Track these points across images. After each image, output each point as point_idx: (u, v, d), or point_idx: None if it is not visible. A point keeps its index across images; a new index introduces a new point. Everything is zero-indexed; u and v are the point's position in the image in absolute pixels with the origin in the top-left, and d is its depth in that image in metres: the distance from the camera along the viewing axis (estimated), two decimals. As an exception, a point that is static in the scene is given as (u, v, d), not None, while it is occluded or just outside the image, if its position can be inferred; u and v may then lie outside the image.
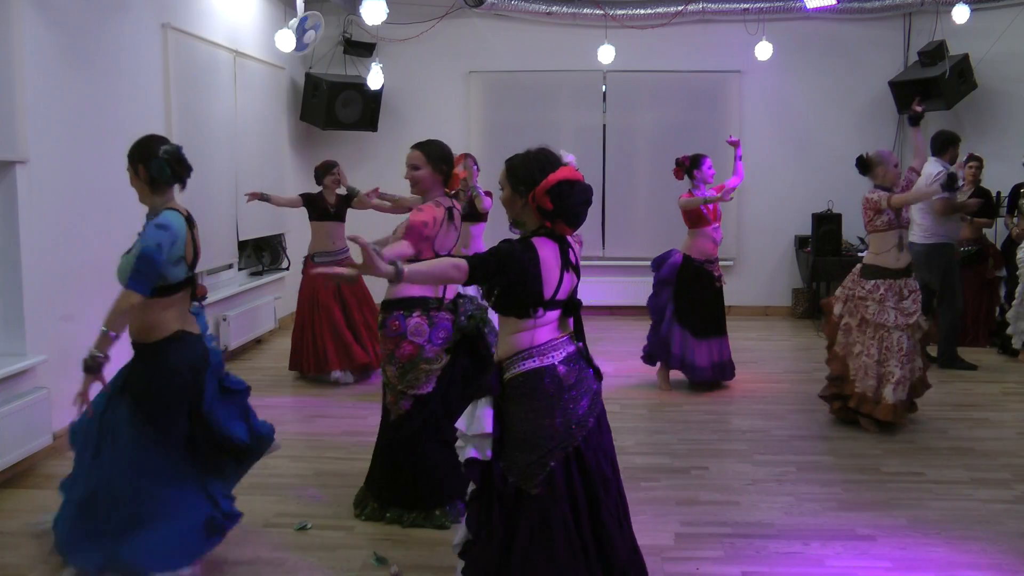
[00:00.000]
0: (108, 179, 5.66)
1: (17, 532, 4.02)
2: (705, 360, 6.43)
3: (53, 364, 5.03)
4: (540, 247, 2.83)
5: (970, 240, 8.02)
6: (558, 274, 2.85)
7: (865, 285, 5.42)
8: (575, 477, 2.84)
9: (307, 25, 7.43)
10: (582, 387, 2.92)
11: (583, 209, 2.88)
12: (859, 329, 5.44)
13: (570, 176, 2.84)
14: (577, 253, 3.03)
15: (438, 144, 4.07)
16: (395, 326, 3.98)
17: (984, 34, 8.73)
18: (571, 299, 2.94)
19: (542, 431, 2.82)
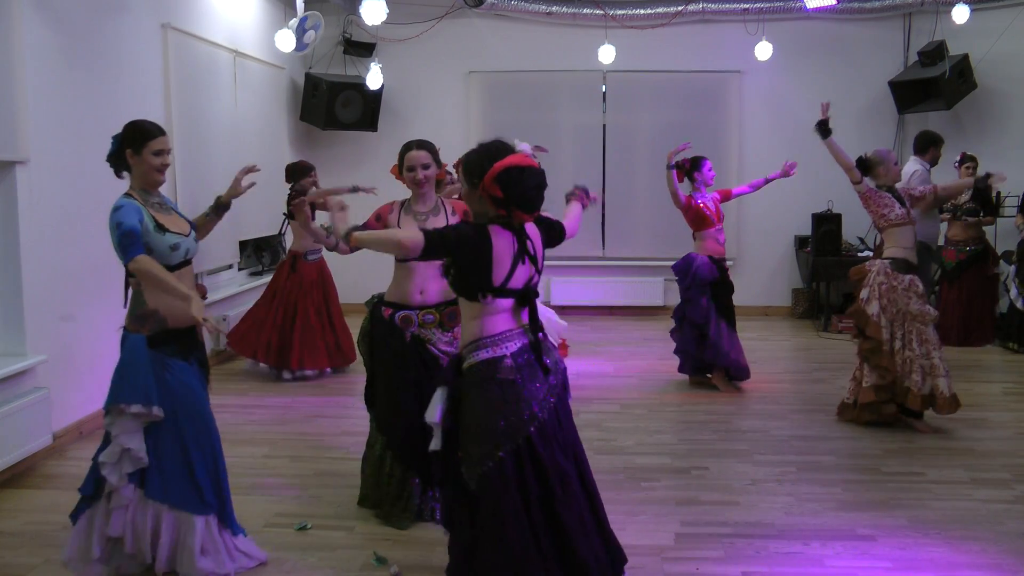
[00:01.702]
0: (108, 179, 5.64)
1: (17, 532, 4.02)
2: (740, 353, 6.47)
3: (53, 364, 5.03)
4: (494, 234, 2.90)
5: (973, 239, 8.03)
6: (510, 263, 2.90)
7: (903, 279, 5.36)
8: (527, 469, 2.85)
9: (307, 25, 7.43)
10: (534, 380, 2.91)
11: (535, 193, 2.90)
12: (894, 324, 5.35)
13: (518, 162, 2.86)
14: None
15: (431, 142, 4.16)
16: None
17: (984, 34, 8.73)
18: (526, 290, 2.96)
19: (492, 422, 2.85)
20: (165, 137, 3.54)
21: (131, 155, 3.49)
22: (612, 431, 5.54)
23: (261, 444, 5.28)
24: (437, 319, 3.97)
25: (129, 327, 3.42)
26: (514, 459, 2.85)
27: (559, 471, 2.90)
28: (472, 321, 2.94)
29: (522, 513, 2.83)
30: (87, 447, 5.22)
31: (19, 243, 4.85)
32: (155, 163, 3.50)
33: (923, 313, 5.32)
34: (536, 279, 3.01)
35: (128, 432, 3.35)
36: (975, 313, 8.04)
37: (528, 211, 2.94)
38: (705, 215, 6.38)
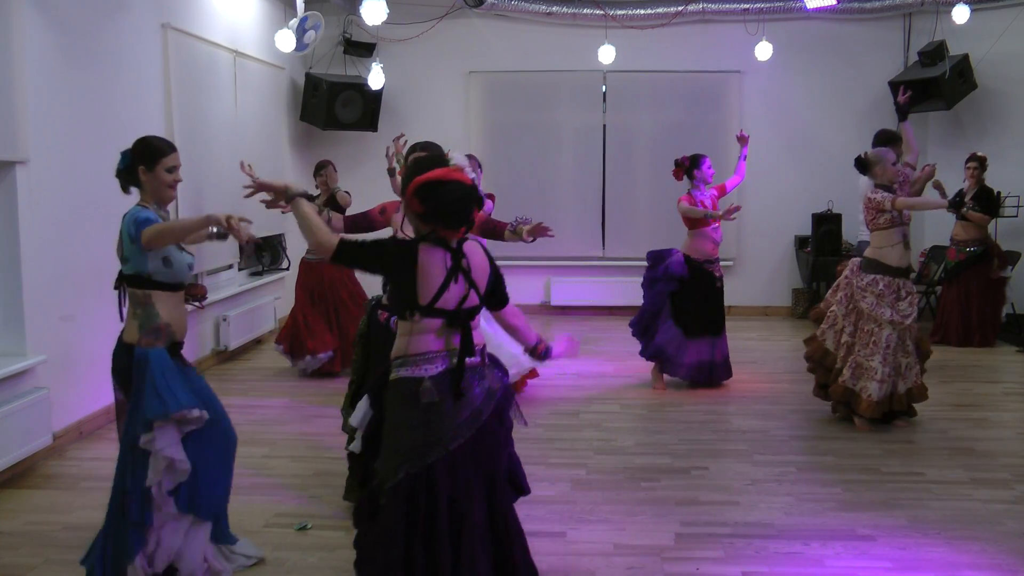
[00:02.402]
0: (108, 179, 5.61)
1: (17, 532, 4.02)
2: (693, 359, 6.42)
3: (53, 364, 5.03)
4: (423, 251, 2.81)
5: (975, 240, 8.03)
6: (440, 282, 2.80)
7: (864, 278, 5.42)
8: (420, 498, 2.77)
9: (307, 25, 7.43)
10: (446, 406, 2.80)
11: (457, 208, 2.79)
12: (846, 318, 5.49)
13: (440, 176, 2.78)
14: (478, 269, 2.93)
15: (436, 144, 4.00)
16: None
17: (984, 34, 8.73)
18: (458, 312, 2.84)
19: (399, 442, 2.81)
20: (177, 153, 3.57)
21: (144, 172, 3.50)
22: (612, 431, 5.54)
23: (261, 444, 5.28)
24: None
25: (142, 342, 3.39)
26: (410, 484, 2.77)
27: (455, 508, 2.79)
28: (401, 337, 2.87)
29: (400, 540, 2.75)
30: (87, 447, 5.23)
31: (19, 243, 4.85)
32: (168, 180, 3.52)
33: (874, 314, 5.34)
34: (474, 301, 2.88)
35: (172, 444, 3.33)
36: (976, 314, 8.04)
37: (449, 227, 2.83)
38: (703, 214, 6.38)
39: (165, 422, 3.30)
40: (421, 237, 2.85)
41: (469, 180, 2.85)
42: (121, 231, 3.44)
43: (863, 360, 5.38)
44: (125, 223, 3.42)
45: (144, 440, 3.30)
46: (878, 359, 5.32)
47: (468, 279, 2.86)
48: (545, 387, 6.51)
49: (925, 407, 5.78)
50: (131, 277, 3.41)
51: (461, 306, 2.85)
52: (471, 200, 2.83)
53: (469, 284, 2.86)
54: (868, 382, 5.35)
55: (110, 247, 5.78)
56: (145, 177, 3.50)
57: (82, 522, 4.10)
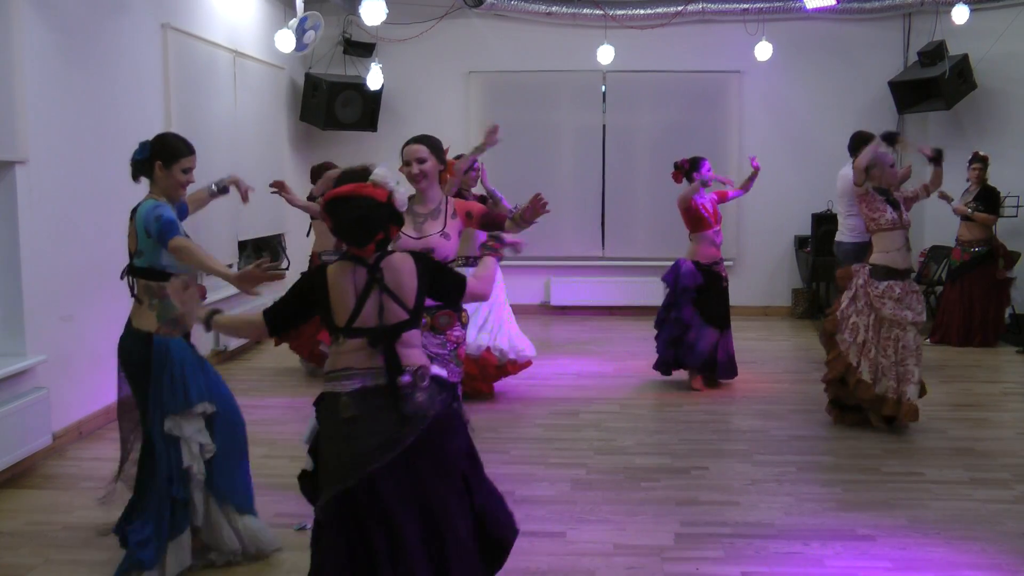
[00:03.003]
0: (108, 179, 5.66)
1: (17, 532, 4.02)
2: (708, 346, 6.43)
3: (53, 364, 5.03)
4: (333, 272, 2.77)
5: (980, 240, 8.03)
6: (354, 301, 2.75)
7: (879, 285, 5.37)
8: (349, 516, 2.70)
9: (307, 25, 7.43)
10: (366, 426, 2.72)
11: (353, 226, 2.74)
12: (873, 329, 5.37)
13: (347, 192, 2.75)
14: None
15: (434, 137, 3.93)
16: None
17: (984, 34, 8.72)
18: (381, 329, 2.75)
19: (328, 458, 2.77)
20: (195, 156, 3.68)
21: (160, 167, 3.60)
22: (612, 431, 5.54)
23: (261, 444, 5.27)
24: (428, 323, 3.72)
25: (162, 332, 3.51)
26: (338, 504, 2.70)
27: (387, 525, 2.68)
28: (331, 355, 2.84)
29: (341, 560, 2.68)
30: (87, 447, 5.23)
31: (19, 243, 4.85)
32: (182, 180, 3.64)
33: (898, 318, 5.32)
34: (401, 316, 2.77)
35: (199, 429, 3.52)
36: (978, 314, 8.04)
37: (353, 244, 2.77)
38: (703, 216, 6.38)
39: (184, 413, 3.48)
40: (342, 256, 2.82)
41: (383, 196, 2.75)
42: (136, 224, 3.53)
43: (898, 367, 5.31)
44: (142, 218, 3.52)
45: (168, 426, 3.47)
46: (912, 361, 5.31)
47: (390, 294, 2.76)
48: (545, 387, 6.51)
49: (925, 407, 5.77)
50: (146, 270, 3.54)
51: (383, 323, 2.76)
52: (375, 219, 2.74)
53: (392, 299, 2.76)
54: (906, 386, 5.31)
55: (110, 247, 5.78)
56: (161, 173, 3.60)
57: (82, 522, 4.11)
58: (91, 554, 3.79)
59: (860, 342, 5.37)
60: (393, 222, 2.80)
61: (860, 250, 6.99)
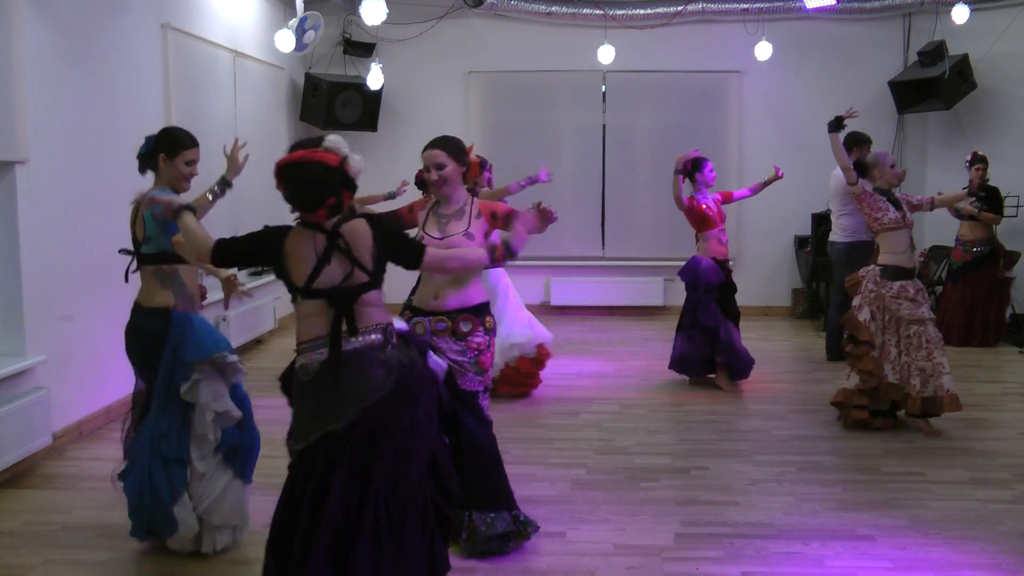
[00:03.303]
0: (108, 179, 5.66)
1: (17, 532, 4.02)
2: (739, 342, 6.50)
3: (53, 364, 5.03)
4: (292, 238, 2.87)
5: (981, 240, 8.02)
6: (312, 264, 2.82)
7: (892, 286, 5.36)
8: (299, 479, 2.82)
9: (307, 25, 7.43)
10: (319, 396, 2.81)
11: (302, 189, 2.81)
12: (886, 332, 5.35)
13: (296, 157, 2.83)
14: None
15: (454, 138, 3.83)
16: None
17: (984, 34, 8.73)
18: (341, 290, 2.82)
19: (294, 420, 2.92)
20: (198, 148, 3.79)
21: (164, 159, 3.71)
22: (612, 431, 5.54)
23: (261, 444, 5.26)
24: (449, 327, 3.70)
25: (179, 307, 3.66)
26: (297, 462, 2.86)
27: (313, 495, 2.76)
28: (296, 320, 2.93)
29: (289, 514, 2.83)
30: (87, 447, 5.23)
31: (19, 243, 4.85)
32: (185, 172, 3.74)
33: (916, 316, 5.31)
34: (361, 279, 2.84)
35: (221, 396, 3.64)
36: (980, 315, 8.03)
37: (304, 209, 2.84)
38: (708, 216, 6.39)
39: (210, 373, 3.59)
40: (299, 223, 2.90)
41: (334, 160, 2.81)
42: (144, 216, 3.64)
43: (924, 363, 5.30)
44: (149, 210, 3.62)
45: (184, 389, 3.54)
46: (939, 353, 5.31)
47: (350, 257, 2.83)
48: (545, 387, 6.51)
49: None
50: (156, 255, 3.65)
51: (345, 284, 2.83)
52: (325, 182, 2.80)
53: (351, 262, 2.83)
54: (940, 379, 5.29)
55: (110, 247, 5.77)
56: (164, 165, 3.71)
57: (82, 522, 4.11)
58: (91, 554, 3.79)
59: (879, 346, 5.37)
60: (346, 187, 2.86)
61: (853, 249, 7.00)
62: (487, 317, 3.76)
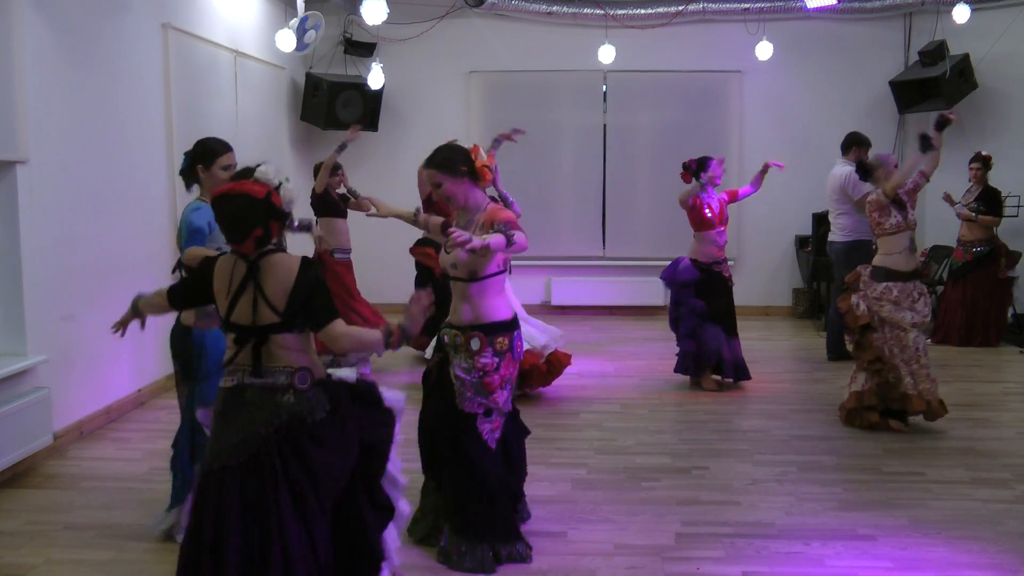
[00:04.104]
0: (108, 179, 5.67)
1: (17, 532, 4.02)
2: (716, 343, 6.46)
3: (53, 364, 5.03)
4: (219, 265, 2.87)
5: (982, 240, 8.02)
6: (226, 297, 2.79)
7: (876, 288, 5.38)
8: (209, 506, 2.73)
9: (307, 25, 7.44)
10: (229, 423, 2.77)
11: (227, 222, 2.78)
12: (880, 330, 5.36)
13: (225, 190, 2.82)
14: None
15: (444, 149, 3.66)
16: (519, 346, 3.69)
17: (984, 34, 8.72)
18: (250, 329, 2.76)
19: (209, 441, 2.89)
20: (232, 153, 3.91)
21: (202, 170, 3.86)
22: (612, 431, 5.54)
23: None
24: (462, 342, 3.58)
25: (199, 325, 3.74)
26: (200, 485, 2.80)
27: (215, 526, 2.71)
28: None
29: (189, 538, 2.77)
30: (87, 447, 5.23)
31: (19, 243, 4.85)
32: (223, 177, 3.76)
33: (895, 319, 5.31)
34: (272, 319, 2.76)
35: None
36: (981, 314, 8.03)
37: (229, 240, 2.80)
38: (705, 218, 6.37)
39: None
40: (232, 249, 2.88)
41: (260, 192, 2.77)
42: (180, 223, 3.83)
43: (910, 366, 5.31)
44: (183, 217, 3.81)
45: (199, 414, 3.57)
46: (923, 359, 5.31)
47: (261, 294, 2.76)
48: (545, 387, 6.50)
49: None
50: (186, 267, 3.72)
51: (255, 323, 2.76)
52: (250, 215, 2.75)
53: (263, 299, 2.75)
54: (925, 384, 5.30)
55: (110, 247, 5.80)
56: (203, 175, 3.85)
57: (83, 522, 4.11)
58: (91, 554, 3.79)
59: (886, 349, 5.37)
60: (273, 218, 2.81)
61: (852, 249, 7.00)
62: (500, 337, 3.56)
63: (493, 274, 3.58)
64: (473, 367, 3.55)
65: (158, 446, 5.07)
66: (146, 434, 5.44)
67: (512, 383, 3.69)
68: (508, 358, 3.60)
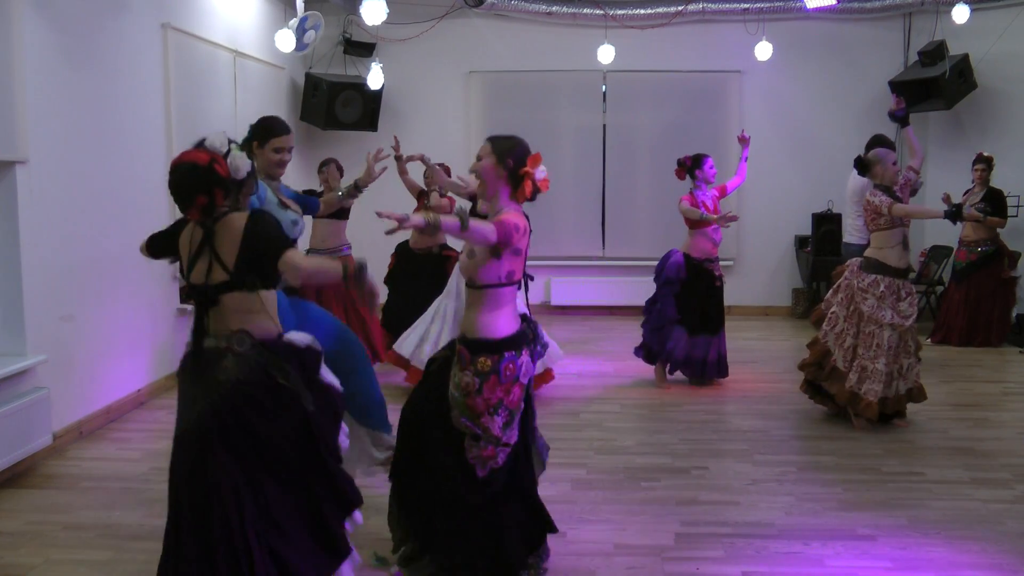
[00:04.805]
0: (108, 179, 5.67)
1: (17, 532, 4.02)
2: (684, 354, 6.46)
3: (53, 364, 5.03)
4: (185, 228, 3.00)
5: (986, 240, 8.02)
6: (187, 257, 2.94)
7: (865, 279, 5.40)
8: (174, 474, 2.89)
9: (307, 25, 7.43)
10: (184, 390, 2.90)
11: (174, 191, 2.85)
12: (848, 320, 5.44)
13: (175, 161, 2.90)
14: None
15: (511, 139, 3.36)
16: (511, 369, 3.26)
17: (984, 34, 8.73)
18: (203, 289, 2.88)
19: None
20: (288, 136, 3.93)
21: (256, 147, 3.87)
22: (612, 431, 5.54)
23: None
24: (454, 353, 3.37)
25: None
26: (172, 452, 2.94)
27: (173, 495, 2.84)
28: None
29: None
30: (87, 447, 5.23)
31: (19, 243, 4.84)
32: (274, 158, 3.89)
33: (874, 316, 5.32)
34: (221, 277, 2.85)
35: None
36: (983, 315, 8.03)
37: (180, 208, 2.88)
38: (702, 214, 6.38)
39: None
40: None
41: (204, 159, 2.83)
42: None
43: (867, 363, 5.36)
44: None
45: None
46: (882, 361, 5.31)
47: (215, 254, 2.85)
48: (545, 387, 6.50)
49: (925, 407, 5.78)
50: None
51: (207, 282, 2.87)
52: (192, 182, 2.81)
53: (216, 259, 2.85)
54: (873, 384, 5.33)
55: (110, 247, 5.79)
56: (257, 152, 3.86)
57: (83, 522, 4.11)
58: (91, 554, 3.79)
59: (837, 331, 5.48)
60: (217, 186, 2.84)
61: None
62: (483, 356, 3.21)
63: (490, 285, 3.26)
64: (459, 383, 3.27)
65: (158, 446, 5.08)
66: (146, 434, 5.44)
67: (513, 411, 3.30)
68: (492, 381, 3.22)
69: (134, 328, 5.85)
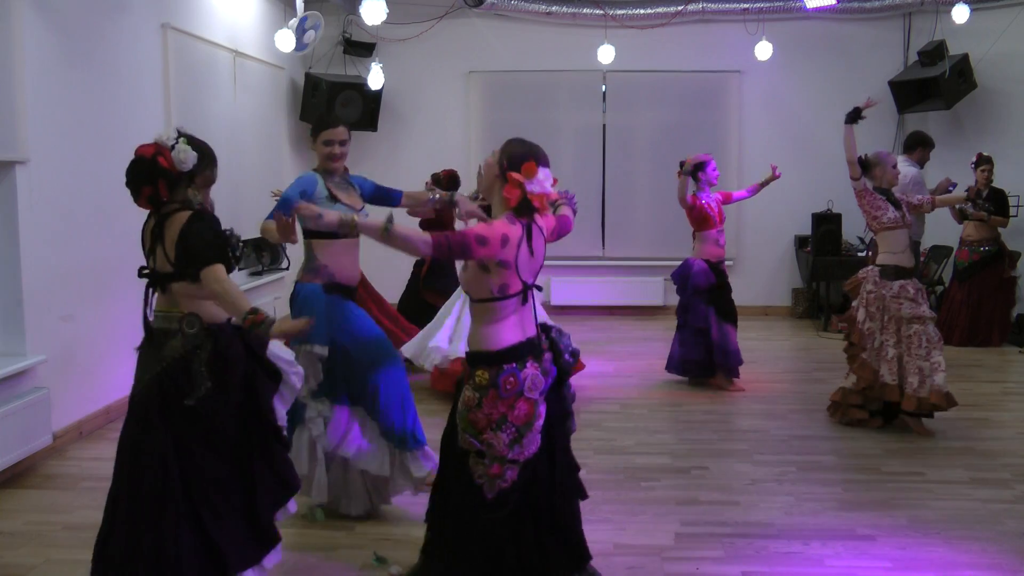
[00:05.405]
0: (108, 179, 5.65)
1: (17, 532, 4.02)
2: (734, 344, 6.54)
3: (53, 364, 5.03)
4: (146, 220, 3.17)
5: (988, 240, 8.02)
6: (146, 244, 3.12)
7: (892, 286, 5.36)
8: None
9: (307, 25, 7.43)
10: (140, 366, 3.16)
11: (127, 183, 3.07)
12: (885, 331, 5.35)
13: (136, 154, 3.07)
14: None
15: (521, 142, 3.20)
16: (512, 383, 3.04)
17: (984, 34, 8.73)
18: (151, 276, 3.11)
19: None
20: (338, 129, 4.03)
21: (311, 140, 4.05)
22: (612, 431, 5.54)
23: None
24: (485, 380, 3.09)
25: (303, 279, 3.97)
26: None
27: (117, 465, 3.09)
28: None
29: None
30: (87, 447, 5.23)
31: (19, 243, 4.85)
32: (324, 151, 4.01)
33: (918, 314, 5.31)
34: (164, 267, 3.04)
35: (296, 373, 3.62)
36: (985, 314, 8.03)
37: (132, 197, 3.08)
38: (708, 215, 6.40)
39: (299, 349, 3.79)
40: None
41: (148, 152, 3.02)
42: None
43: (922, 362, 5.28)
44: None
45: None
46: (937, 352, 5.31)
47: (162, 247, 3.03)
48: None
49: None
50: (305, 231, 3.95)
51: (157, 269, 3.08)
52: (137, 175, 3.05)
53: (163, 251, 3.02)
54: (936, 377, 5.28)
55: (110, 247, 5.80)
56: (312, 144, 4.05)
57: (82, 522, 4.10)
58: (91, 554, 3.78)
59: (876, 347, 5.37)
60: (161, 177, 3.03)
61: None
62: (480, 369, 3.04)
63: (483, 299, 3.10)
64: (463, 397, 3.10)
65: (158, 446, 5.07)
66: (146, 434, 5.44)
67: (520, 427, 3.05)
68: (492, 395, 3.03)
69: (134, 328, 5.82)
